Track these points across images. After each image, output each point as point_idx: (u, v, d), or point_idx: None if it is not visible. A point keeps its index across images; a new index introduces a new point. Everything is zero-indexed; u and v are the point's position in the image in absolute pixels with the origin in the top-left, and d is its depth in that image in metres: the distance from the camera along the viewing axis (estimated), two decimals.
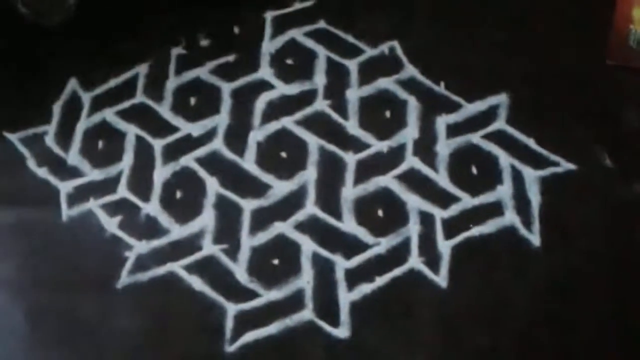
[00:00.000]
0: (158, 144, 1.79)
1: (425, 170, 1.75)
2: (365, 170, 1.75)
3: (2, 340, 1.58)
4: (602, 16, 1.86)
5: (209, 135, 1.80)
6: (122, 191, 1.74)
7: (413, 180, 1.73)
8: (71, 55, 1.93)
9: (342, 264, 1.64)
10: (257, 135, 1.80)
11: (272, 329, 1.57)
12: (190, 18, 1.98)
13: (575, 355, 1.54)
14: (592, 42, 1.89)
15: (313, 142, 1.78)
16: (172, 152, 1.78)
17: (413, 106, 1.83)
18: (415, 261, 1.64)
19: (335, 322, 1.58)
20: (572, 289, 1.61)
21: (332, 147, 1.78)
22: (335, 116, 1.82)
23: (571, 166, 1.74)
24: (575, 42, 1.91)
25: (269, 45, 1.93)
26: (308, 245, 1.66)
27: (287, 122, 1.82)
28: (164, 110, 1.85)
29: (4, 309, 1.61)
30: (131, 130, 1.81)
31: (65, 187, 1.74)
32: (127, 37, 1.92)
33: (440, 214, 1.69)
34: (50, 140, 1.81)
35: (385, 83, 1.86)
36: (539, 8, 1.97)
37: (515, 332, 1.56)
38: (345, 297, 1.60)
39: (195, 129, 1.81)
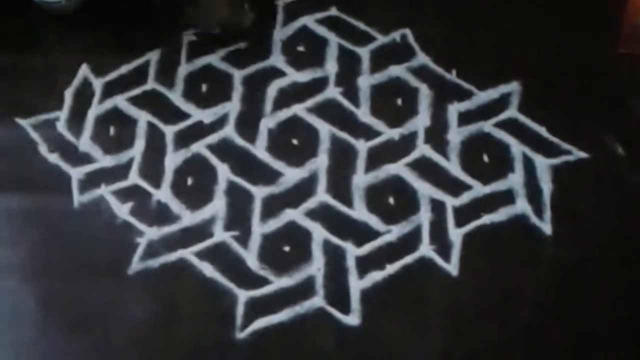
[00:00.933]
0: (169, 131, 1.78)
1: (437, 158, 1.73)
2: (377, 158, 1.73)
3: (14, 325, 1.57)
4: (616, 5, 1.83)
5: (220, 122, 1.78)
6: (134, 177, 1.72)
7: (424, 168, 1.71)
8: (83, 41, 1.92)
9: (353, 252, 1.62)
10: (268, 122, 1.78)
11: (283, 315, 1.56)
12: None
13: (585, 346, 1.52)
14: (604, 30, 1.87)
15: (324, 129, 1.77)
16: (184, 139, 1.77)
17: (424, 94, 1.81)
18: (426, 249, 1.62)
19: (345, 309, 1.56)
20: (583, 278, 1.59)
21: (343, 135, 1.76)
22: (346, 103, 1.80)
23: (583, 155, 1.72)
24: (588, 31, 1.88)
25: (280, 33, 1.91)
26: (319, 233, 1.64)
27: (299, 109, 1.80)
28: (176, 97, 1.83)
29: (16, 294, 1.59)
30: (142, 117, 1.80)
31: (76, 173, 1.72)
32: (138, 23, 1.89)
33: (451, 202, 1.67)
34: (61, 127, 1.79)
35: (396, 71, 1.84)
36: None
37: (525, 322, 1.55)
38: (356, 285, 1.59)
39: (207, 115, 1.79)
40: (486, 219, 1.65)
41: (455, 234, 1.64)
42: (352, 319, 1.56)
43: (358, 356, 1.53)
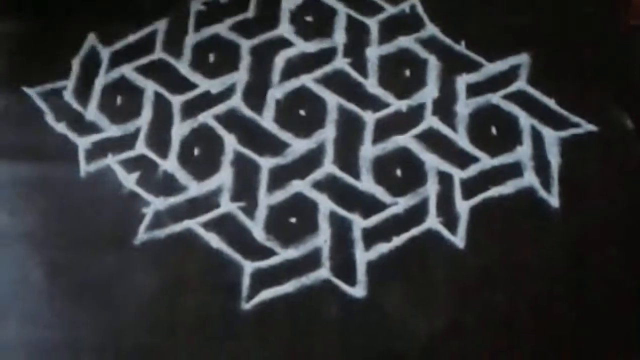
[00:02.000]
0: (176, 101, 1.75)
1: (445, 130, 1.70)
2: (384, 130, 1.70)
3: (22, 294, 1.56)
4: None
5: (227, 93, 1.76)
6: (140, 147, 1.70)
7: (432, 140, 1.69)
8: (90, 10, 1.88)
9: (359, 223, 1.60)
10: (275, 92, 1.75)
11: (289, 287, 1.55)
12: None
13: (589, 317, 1.51)
14: (616, 1, 1.84)
15: (332, 100, 1.74)
16: (191, 109, 1.74)
17: (433, 65, 1.78)
18: (432, 221, 1.60)
19: (351, 281, 1.55)
20: (590, 251, 1.57)
21: (351, 106, 1.73)
22: (354, 74, 1.77)
23: (592, 127, 1.69)
24: (598, 3, 1.85)
25: (288, 2, 1.87)
26: (325, 204, 1.62)
27: (306, 80, 1.77)
28: (183, 66, 1.79)
29: (24, 263, 1.58)
30: (150, 87, 1.77)
31: (83, 143, 1.70)
32: None
33: (458, 174, 1.65)
34: (68, 95, 1.76)
35: (405, 42, 1.81)
36: None
37: (531, 294, 1.54)
38: (362, 257, 1.57)
39: (214, 85, 1.77)
40: (493, 191, 1.63)
41: (462, 207, 1.62)
42: (358, 291, 1.54)
43: (363, 328, 1.51)
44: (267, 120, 1.72)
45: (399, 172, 1.66)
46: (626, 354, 1.49)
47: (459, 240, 1.59)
